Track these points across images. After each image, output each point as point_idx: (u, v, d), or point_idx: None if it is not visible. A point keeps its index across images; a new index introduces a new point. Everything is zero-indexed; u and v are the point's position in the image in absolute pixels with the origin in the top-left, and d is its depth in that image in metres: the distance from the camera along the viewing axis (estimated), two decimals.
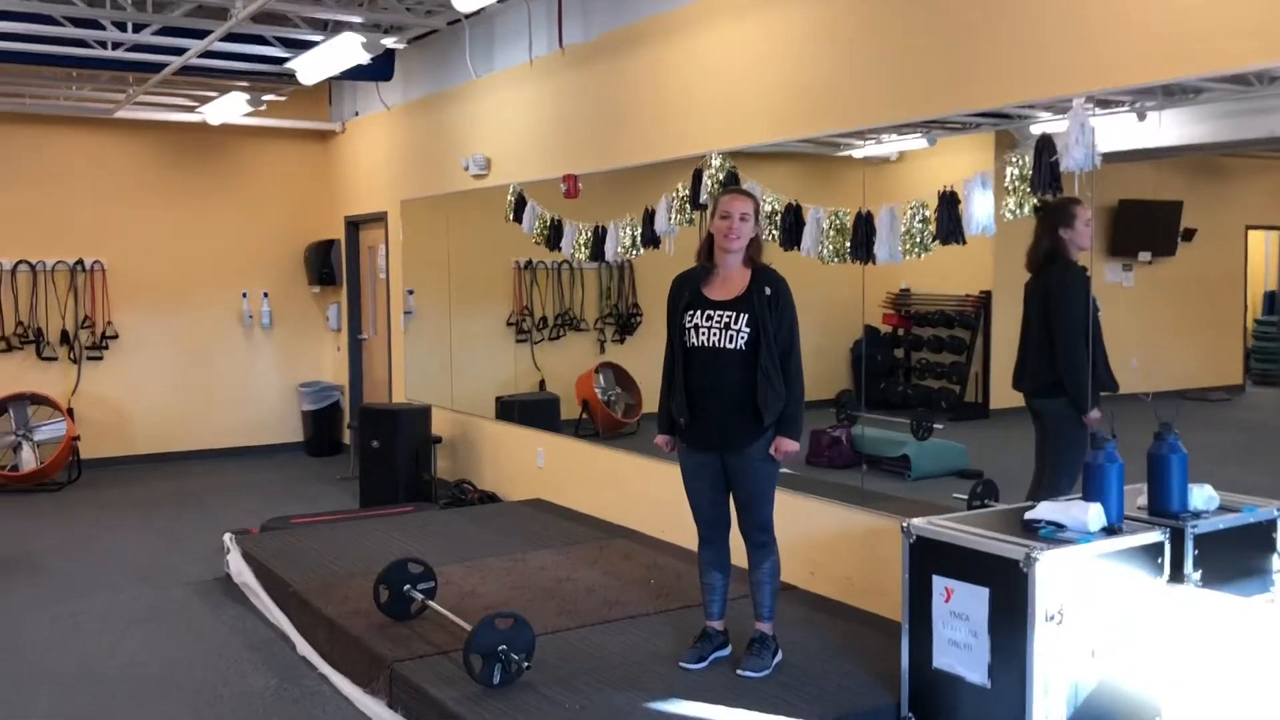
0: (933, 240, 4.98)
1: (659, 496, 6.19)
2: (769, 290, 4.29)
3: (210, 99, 9.48)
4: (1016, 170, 4.57)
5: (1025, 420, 4.83)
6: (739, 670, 4.34)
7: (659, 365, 4.54)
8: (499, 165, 8.22)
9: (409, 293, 9.70)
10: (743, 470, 4.35)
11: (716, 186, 5.89)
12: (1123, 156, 4.38)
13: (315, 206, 11.17)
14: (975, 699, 3.76)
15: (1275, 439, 5.26)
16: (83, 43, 7.54)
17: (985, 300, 5.74)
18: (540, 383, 8.57)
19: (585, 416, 7.97)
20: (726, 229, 4.30)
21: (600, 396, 8.02)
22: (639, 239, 6.71)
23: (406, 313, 9.75)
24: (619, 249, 6.91)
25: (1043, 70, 4.40)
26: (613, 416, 7.96)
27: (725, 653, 4.51)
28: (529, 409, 8.39)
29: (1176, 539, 3.82)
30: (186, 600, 6.21)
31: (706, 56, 6.18)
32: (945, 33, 4.80)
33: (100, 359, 10.25)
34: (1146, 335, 5.24)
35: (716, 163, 5.97)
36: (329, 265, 10.93)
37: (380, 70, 8.97)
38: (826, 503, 5.51)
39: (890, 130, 5.25)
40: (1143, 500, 4.00)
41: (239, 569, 6.28)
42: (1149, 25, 4.03)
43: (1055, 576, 3.58)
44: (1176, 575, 3.81)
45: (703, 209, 6.03)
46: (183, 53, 7.57)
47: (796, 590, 5.45)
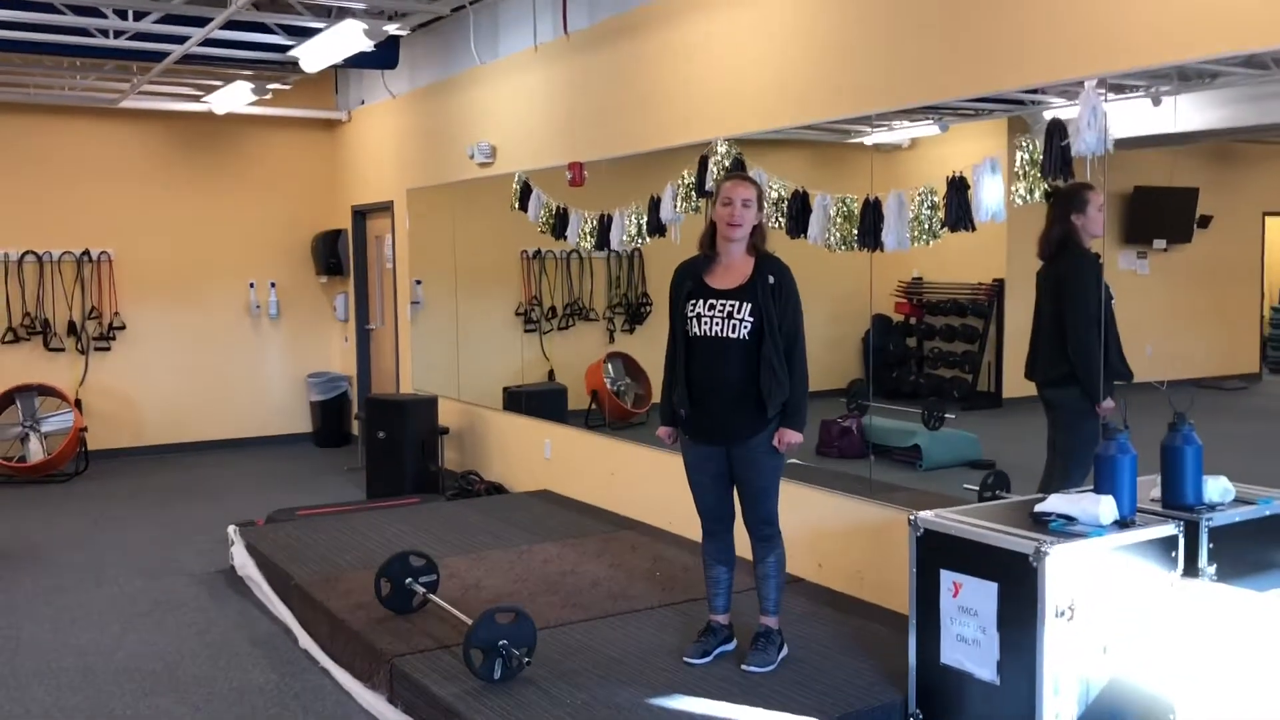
0: (941, 227, 4.89)
1: (666, 488, 6.11)
2: (773, 279, 4.20)
3: (215, 88, 9.43)
4: (1027, 155, 4.47)
5: (1038, 410, 4.75)
6: (744, 665, 4.27)
7: None
8: (504, 153, 8.14)
9: (417, 283, 9.64)
10: (746, 462, 4.27)
11: (722, 173, 5.80)
12: (1138, 142, 4.30)
13: (322, 196, 11.12)
14: (984, 696, 3.69)
15: None
16: (84, 31, 7.48)
17: (998, 288, 5.67)
18: (549, 373, 8.51)
19: (594, 407, 7.91)
20: (728, 216, 4.21)
21: (609, 386, 7.96)
22: (644, 227, 6.63)
23: (414, 303, 9.69)
24: (624, 237, 6.83)
25: (1055, 52, 4.30)
26: (622, 406, 7.90)
27: (730, 647, 4.44)
28: (536, 400, 8.33)
29: (1191, 532, 3.72)
30: (190, 593, 6.17)
31: (713, 41, 6.08)
32: (956, 15, 4.70)
33: (108, 350, 10.23)
34: (1161, 323, 5.18)
35: (722, 149, 5.88)
36: (336, 255, 10.88)
37: (385, 58, 8.88)
38: (835, 495, 5.43)
39: (900, 115, 5.16)
40: (1156, 492, 3.91)
41: (242, 561, 6.24)
42: (1163, 4, 3.92)
43: (1066, 571, 3.50)
44: (1191, 569, 3.72)
45: (708, 196, 5.94)
46: (184, 41, 7.50)
47: (804, 583, 5.38)
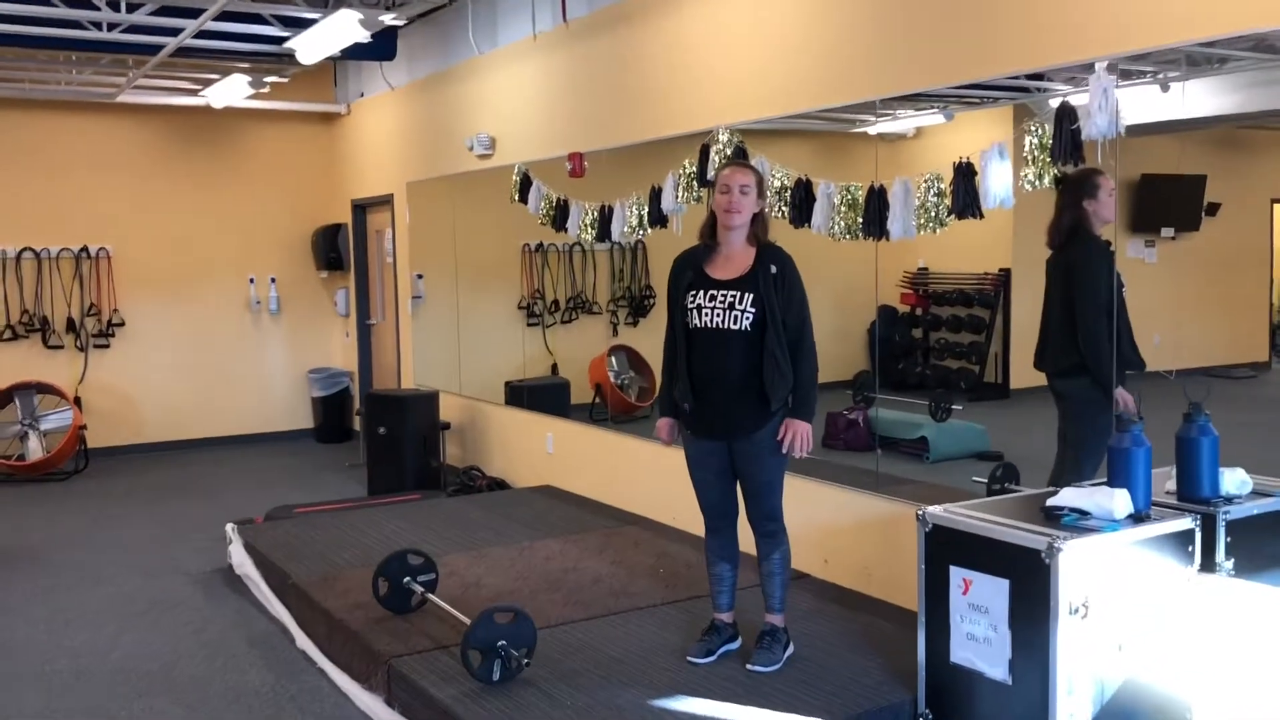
0: (948, 214, 4.77)
1: (669, 482, 6.01)
2: (774, 268, 4.10)
3: (212, 82, 9.33)
4: (1036, 140, 4.35)
5: (1046, 400, 4.66)
6: (748, 665, 4.17)
7: None
8: (504, 144, 8.04)
9: (418, 277, 9.54)
10: (750, 457, 4.17)
11: (724, 162, 5.69)
12: (1145, 129, 4.20)
13: (322, 190, 11.01)
14: (995, 696, 3.59)
15: None
16: (77, 24, 7.38)
17: (1005, 278, 5.60)
18: (552, 366, 8.42)
19: (598, 400, 7.82)
20: (726, 204, 4.11)
21: (613, 380, 7.88)
22: (646, 218, 6.52)
23: (416, 297, 9.60)
24: (625, 229, 6.72)
25: (1063, 34, 4.18)
26: (626, 400, 7.81)
27: (735, 646, 4.34)
28: (539, 394, 8.24)
29: (1208, 526, 3.62)
30: (187, 592, 6.09)
31: (714, 28, 5.97)
32: None
33: (107, 347, 10.14)
34: (1169, 311, 5.10)
35: (724, 138, 5.77)
36: (336, 250, 10.78)
37: (383, 49, 8.79)
38: (842, 489, 5.33)
39: (904, 103, 5.06)
40: (1171, 485, 3.81)
41: (240, 560, 6.15)
42: None
43: (1079, 567, 3.40)
44: (1208, 564, 3.62)
45: (710, 186, 5.84)
46: (179, 33, 7.40)
47: (810, 579, 5.28)
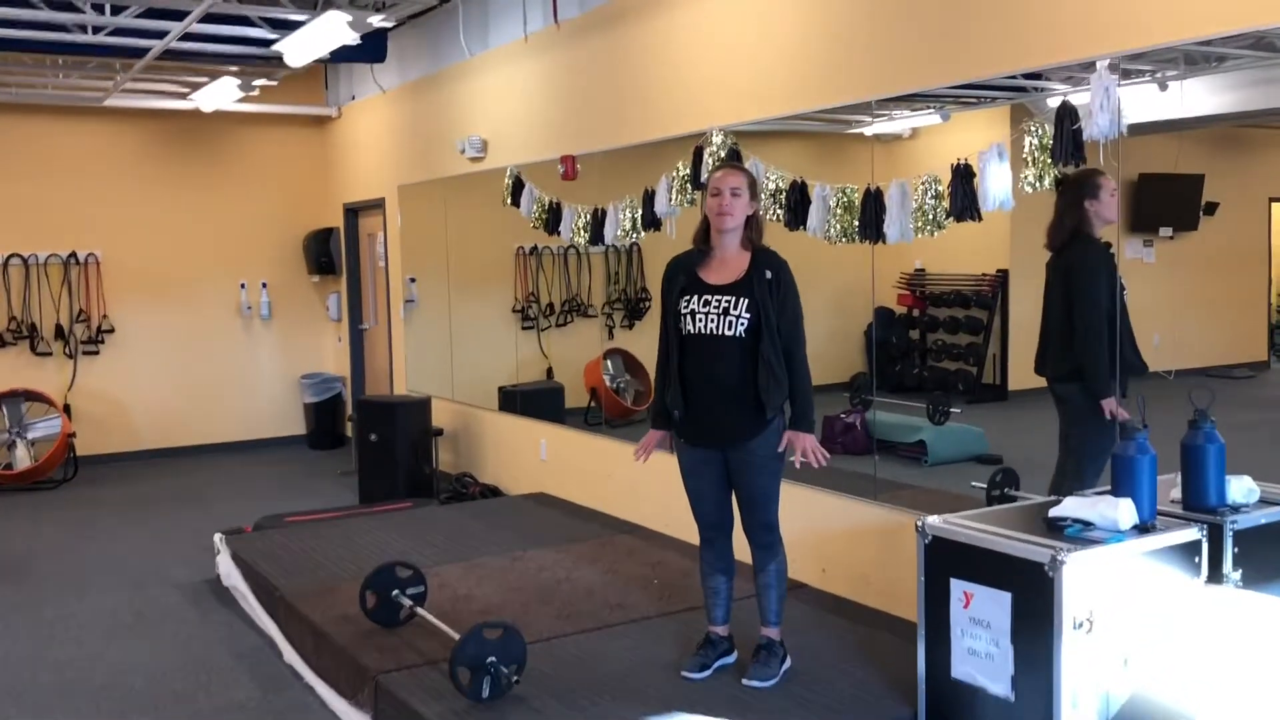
0: (946, 217, 4.68)
1: (663, 489, 5.91)
2: (770, 273, 4.01)
3: (201, 85, 9.22)
4: (1036, 140, 4.26)
5: (1044, 402, 4.59)
6: (744, 679, 4.07)
7: None
8: (496, 147, 7.94)
9: (411, 280, 9.45)
10: (745, 466, 4.07)
11: (716, 165, 5.60)
12: (1143, 129, 4.14)
13: (313, 194, 10.90)
14: (998, 712, 3.49)
15: None
16: (62, 27, 7.28)
17: (1002, 279, 5.52)
18: (547, 370, 8.32)
19: (593, 404, 7.73)
20: (718, 207, 4.03)
21: (609, 384, 7.78)
22: (639, 221, 6.42)
23: (409, 301, 9.50)
24: (619, 232, 6.63)
25: (1063, 31, 4.09)
26: (621, 404, 7.72)
27: (730, 660, 4.24)
28: (532, 399, 8.13)
29: (1214, 536, 3.52)
30: (174, 605, 5.98)
31: (707, 28, 5.87)
32: None
33: (96, 353, 10.02)
34: (1168, 312, 5.06)
35: (718, 140, 5.68)
36: (328, 254, 10.67)
37: (373, 52, 8.69)
38: (839, 496, 5.23)
39: (900, 103, 4.97)
40: (1176, 493, 3.72)
41: (228, 571, 6.05)
42: None
43: (1084, 580, 3.30)
44: (1215, 575, 3.52)
45: (704, 189, 5.74)
46: (165, 35, 7.30)
47: (808, 589, 5.19)
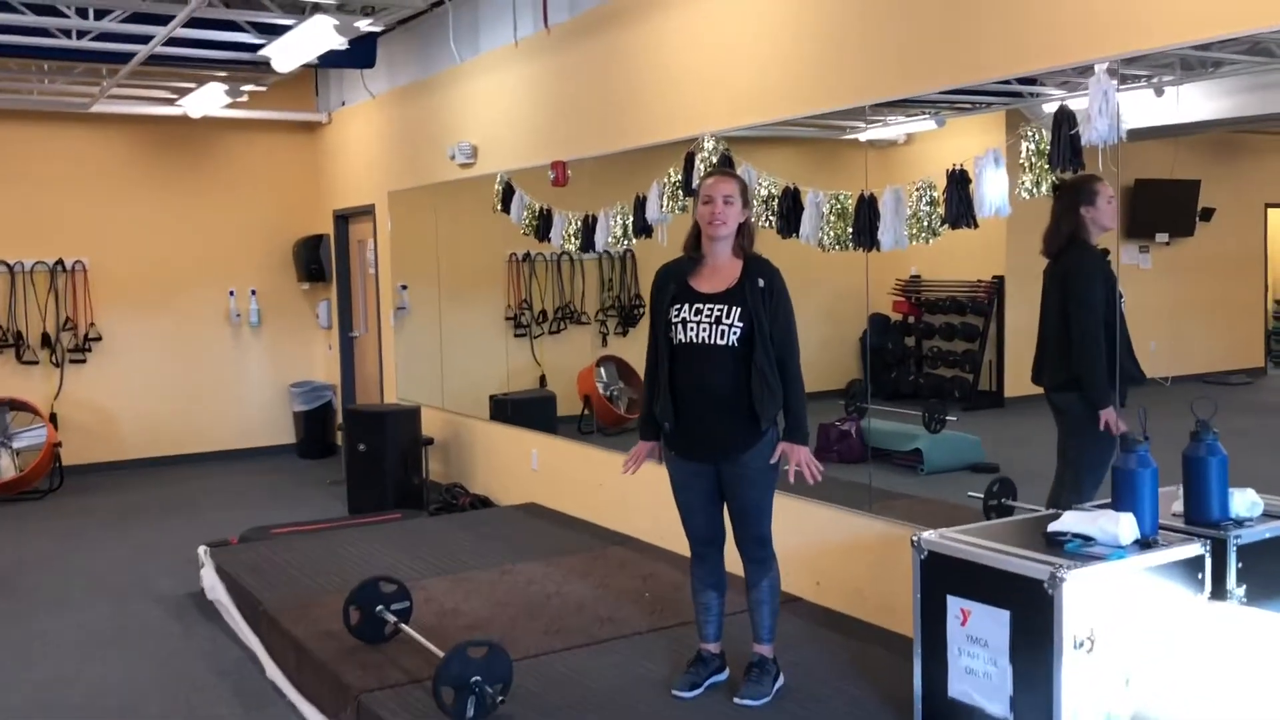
0: (941, 224, 4.59)
1: (656, 500, 5.79)
2: (762, 282, 3.92)
3: (189, 90, 9.13)
4: (1033, 145, 4.17)
5: (1042, 410, 4.51)
6: (736, 698, 3.97)
7: None
8: (486, 153, 7.85)
9: (402, 288, 9.35)
10: (738, 479, 3.97)
11: (707, 172, 5.51)
12: (1139, 134, 4.06)
13: (303, 200, 10.79)
14: None
15: None
16: (45, 31, 7.18)
17: (998, 285, 5.46)
18: (541, 378, 8.22)
19: (586, 412, 7.63)
20: (710, 215, 3.94)
21: (602, 391, 7.70)
22: (630, 228, 6.33)
23: (400, 308, 9.40)
24: (609, 239, 6.53)
25: (1060, 35, 4.00)
26: (615, 412, 7.63)
27: (722, 677, 4.14)
28: (523, 408, 8.03)
29: (1218, 551, 3.43)
30: (157, 619, 5.87)
31: (699, 32, 5.79)
32: None
33: (83, 362, 9.91)
34: (1165, 318, 5.02)
35: (709, 145, 5.59)
36: (318, 261, 10.57)
37: (362, 57, 8.59)
38: (833, 508, 5.13)
39: (894, 108, 4.89)
40: (1177, 506, 3.63)
41: (212, 584, 5.94)
42: None
43: (1084, 597, 3.21)
44: (1218, 591, 3.43)
45: (695, 196, 5.66)
46: (150, 40, 7.20)
47: (802, 603, 5.09)
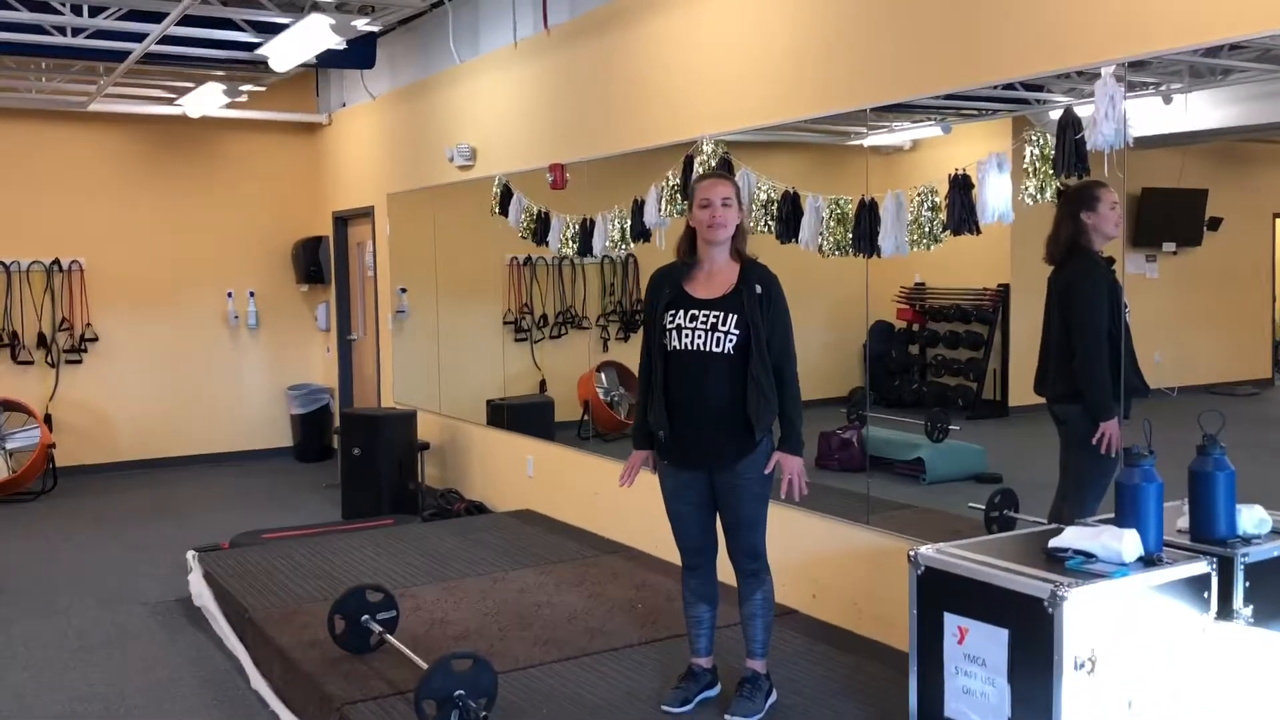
0: (943, 230, 4.49)
1: (650, 508, 5.69)
2: (760, 288, 3.82)
3: (187, 90, 9.06)
4: (1037, 150, 4.08)
5: (1046, 419, 4.42)
6: (727, 714, 3.87)
7: None
8: (485, 155, 7.76)
9: (401, 291, 9.26)
10: (732, 490, 3.88)
11: (700, 175, 5.42)
12: (1147, 142, 3.98)
13: (302, 202, 10.72)
14: None
15: None
16: (41, 29, 7.11)
17: (1003, 293, 5.38)
18: (541, 383, 8.13)
19: (586, 417, 7.53)
20: (709, 219, 3.84)
21: (602, 397, 7.60)
22: (628, 232, 6.24)
23: (399, 311, 9.31)
24: (607, 242, 6.44)
25: (1067, 38, 3.91)
26: (615, 418, 7.53)
27: (713, 693, 4.04)
28: (520, 413, 7.93)
29: (1224, 569, 3.32)
30: (143, 625, 5.77)
31: (699, 34, 5.70)
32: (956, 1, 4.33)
33: (79, 362, 9.83)
34: (1171, 328, 4.96)
35: (708, 149, 5.50)
36: (317, 263, 10.49)
37: (361, 57, 8.51)
38: (830, 519, 5.03)
39: (899, 114, 4.80)
40: (1182, 522, 3.52)
41: (199, 590, 5.85)
42: None
43: (1085, 616, 3.10)
44: (1225, 611, 3.32)
45: (689, 199, 5.56)
46: (146, 38, 7.12)
47: (797, 615, 4.99)
